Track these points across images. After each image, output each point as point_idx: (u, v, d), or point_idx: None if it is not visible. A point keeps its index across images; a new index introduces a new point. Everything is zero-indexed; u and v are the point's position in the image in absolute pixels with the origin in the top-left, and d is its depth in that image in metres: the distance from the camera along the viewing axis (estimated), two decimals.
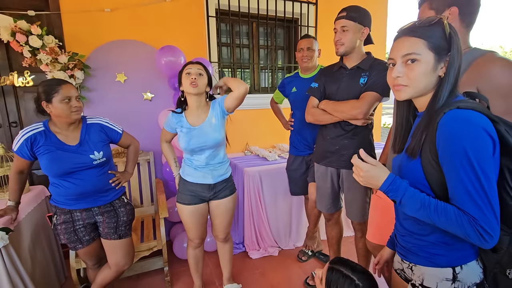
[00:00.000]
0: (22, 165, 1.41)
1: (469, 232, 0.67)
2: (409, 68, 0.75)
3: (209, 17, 2.61)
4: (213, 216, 1.70)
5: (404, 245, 0.88)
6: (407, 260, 0.87)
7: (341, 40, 1.50)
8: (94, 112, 2.23)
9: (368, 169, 0.78)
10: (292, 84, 2.13)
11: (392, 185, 0.75)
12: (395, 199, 0.76)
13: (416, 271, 0.84)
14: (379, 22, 3.47)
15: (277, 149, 2.95)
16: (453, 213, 0.69)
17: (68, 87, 1.35)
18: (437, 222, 0.71)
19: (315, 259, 2.30)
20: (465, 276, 0.76)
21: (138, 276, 2.06)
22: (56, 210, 1.45)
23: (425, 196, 0.73)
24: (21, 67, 2.01)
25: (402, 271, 0.92)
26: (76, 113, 1.37)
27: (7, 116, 2.20)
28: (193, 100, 1.53)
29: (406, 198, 0.74)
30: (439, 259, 0.79)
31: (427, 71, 0.74)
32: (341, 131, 1.62)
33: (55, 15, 2.12)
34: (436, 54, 0.73)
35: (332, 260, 1.00)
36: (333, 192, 1.76)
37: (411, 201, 0.73)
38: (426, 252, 0.81)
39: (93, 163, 1.42)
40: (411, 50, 0.74)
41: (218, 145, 1.58)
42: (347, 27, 1.48)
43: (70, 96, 1.34)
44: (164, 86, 2.43)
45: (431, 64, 0.73)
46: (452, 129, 0.68)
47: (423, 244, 0.81)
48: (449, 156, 0.69)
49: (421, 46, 0.73)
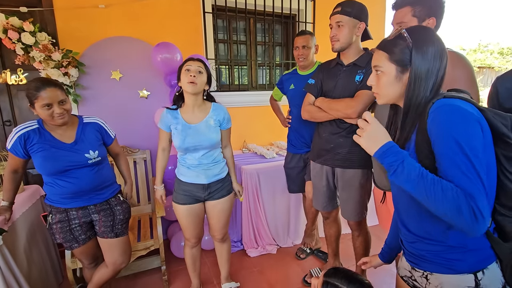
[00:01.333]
0: (16, 164, 1.38)
1: (463, 208, 0.64)
2: (377, 78, 0.84)
3: (206, 13, 2.57)
4: (209, 216, 1.68)
5: (414, 252, 0.84)
6: (421, 269, 0.83)
7: (337, 36, 1.47)
8: (89, 111, 2.21)
9: (376, 124, 0.77)
10: (290, 81, 2.11)
11: (394, 147, 0.74)
12: (393, 163, 0.73)
13: (433, 280, 0.80)
14: (377, 17, 3.44)
15: (275, 146, 2.94)
16: (450, 187, 0.66)
17: (48, 93, 1.25)
18: (431, 195, 0.67)
19: (314, 257, 2.29)
20: (488, 281, 0.73)
21: (135, 275, 2.05)
22: (51, 209, 1.43)
23: (422, 167, 0.71)
24: (14, 64, 1.98)
25: (411, 279, 0.88)
26: (60, 118, 1.30)
27: (0, 115, 2.17)
28: (191, 97, 1.51)
29: (406, 163, 0.71)
30: (457, 264, 0.75)
31: (389, 81, 0.81)
32: (336, 129, 1.60)
33: (48, 12, 2.08)
34: (399, 66, 0.78)
35: (326, 273, 0.94)
36: (328, 191, 1.75)
37: (409, 168, 0.71)
38: (442, 258, 0.77)
39: (88, 162, 1.40)
40: (376, 63, 0.83)
41: (213, 146, 1.56)
42: (342, 22, 1.45)
43: (50, 102, 1.25)
44: (160, 84, 2.41)
45: (392, 75, 0.80)
46: (443, 114, 0.70)
47: (438, 250, 0.78)
48: (441, 141, 0.70)
49: (383, 59, 0.80)
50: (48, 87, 1.26)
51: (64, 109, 1.30)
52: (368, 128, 0.77)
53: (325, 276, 0.92)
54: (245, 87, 3.04)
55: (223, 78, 3.01)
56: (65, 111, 1.31)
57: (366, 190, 1.65)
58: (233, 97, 2.80)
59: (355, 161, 1.58)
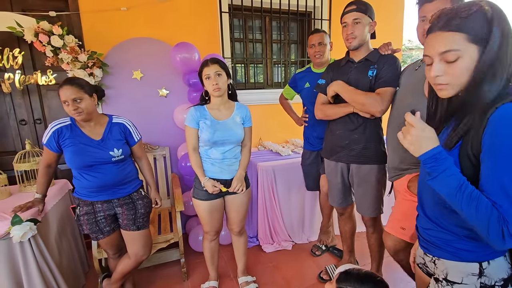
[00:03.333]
0: (50, 158, 1.48)
1: (492, 229, 0.63)
2: (449, 66, 0.69)
3: (222, 12, 2.62)
4: (228, 210, 1.74)
5: (427, 238, 0.85)
6: (430, 254, 0.85)
7: (354, 33, 1.47)
8: (112, 109, 2.30)
9: (424, 128, 0.70)
10: (305, 79, 2.11)
11: (440, 155, 0.68)
12: (436, 170, 0.69)
13: (440, 265, 0.82)
14: (395, 13, 3.37)
15: (290, 144, 2.95)
16: (485, 205, 0.64)
17: (63, 91, 1.35)
18: (464, 208, 0.66)
19: (329, 254, 2.30)
20: (492, 271, 0.74)
21: (155, 267, 2.14)
22: (79, 202, 1.52)
23: (465, 179, 0.68)
24: (44, 66, 2.10)
25: (424, 265, 0.90)
26: (76, 114, 1.38)
27: (32, 114, 2.31)
28: (217, 98, 1.60)
29: (447, 173, 0.67)
30: (465, 254, 0.76)
31: (468, 66, 0.67)
32: (351, 125, 1.60)
33: (74, 15, 2.20)
34: (480, 46, 0.65)
35: (338, 278, 0.93)
36: (344, 187, 1.76)
37: (450, 179, 0.67)
38: (452, 247, 0.78)
39: (111, 159, 1.47)
40: (449, 47, 0.67)
41: (238, 142, 1.64)
42: (359, 19, 1.45)
43: (65, 100, 1.35)
44: (179, 83, 2.48)
45: (474, 58, 0.66)
46: (506, 129, 0.62)
47: (449, 238, 0.79)
48: (495, 155, 0.64)
49: (460, 41, 0.66)
50: (64, 85, 1.36)
51: (78, 106, 1.37)
52: (414, 132, 0.70)
53: (338, 282, 0.92)
54: (260, 85, 3.07)
55: (239, 77, 3.06)
56: (80, 108, 1.37)
57: (382, 185, 1.65)
58: (249, 95, 2.84)
59: (370, 157, 1.58)
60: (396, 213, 1.39)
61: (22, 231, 1.35)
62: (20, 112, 2.27)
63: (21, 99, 2.25)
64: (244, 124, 1.66)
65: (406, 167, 1.33)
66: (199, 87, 2.32)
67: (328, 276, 1.97)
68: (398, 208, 1.38)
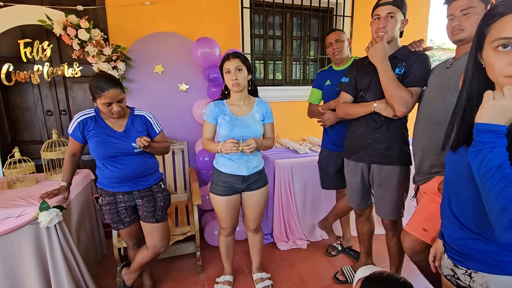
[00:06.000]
0: (75, 148, 1.53)
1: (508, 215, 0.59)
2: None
3: (244, 8, 2.61)
4: (245, 207, 1.73)
5: (460, 250, 0.80)
6: (464, 266, 0.79)
7: (386, 28, 1.41)
8: (134, 102, 2.34)
9: None
10: (326, 77, 2.08)
11: (501, 128, 0.64)
12: (487, 145, 0.65)
13: (478, 278, 0.76)
14: (421, 11, 3.27)
15: (307, 142, 2.92)
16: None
17: (111, 93, 1.37)
18: (489, 186, 0.62)
19: (345, 255, 2.27)
20: None
21: (171, 259, 2.18)
22: (102, 192, 1.56)
23: (507, 161, 0.64)
24: (70, 58, 2.16)
25: (454, 277, 0.84)
26: (117, 114, 1.44)
27: (58, 105, 2.39)
28: (236, 94, 1.59)
29: (497, 150, 0.64)
30: (509, 266, 0.71)
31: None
32: (373, 124, 1.55)
33: (100, 9, 2.25)
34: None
35: (362, 286, 0.90)
36: (363, 188, 1.71)
37: (497, 156, 0.63)
38: (493, 259, 0.73)
39: (133, 150, 1.50)
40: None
41: None
42: (394, 13, 1.40)
43: (110, 102, 1.39)
44: (199, 78, 2.49)
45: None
46: None
47: (491, 250, 0.73)
48: None
49: None
50: (111, 89, 1.37)
51: (121, 106, 1.44)
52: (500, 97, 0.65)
53: None
54: (279, 82, 3.05)
55: (257, 73, 3.04)
56: (122, 108, 1.44)
57: (405, 187, 1.60)
58: (267, 92, 2.82)
59: (394, 157, 1.53)
60: (419, 213, 1.34)
61: (49, 217, 1.40)
62: (46, 103, 2.35)
63: (48, 91, 2.33)
64: (264, 121, 1.65)
65: (436, 171, 1.28)
66: (219, 82, 2.33)
67: (344, 277, 1.94)
68: (422, 209, 1.33)
